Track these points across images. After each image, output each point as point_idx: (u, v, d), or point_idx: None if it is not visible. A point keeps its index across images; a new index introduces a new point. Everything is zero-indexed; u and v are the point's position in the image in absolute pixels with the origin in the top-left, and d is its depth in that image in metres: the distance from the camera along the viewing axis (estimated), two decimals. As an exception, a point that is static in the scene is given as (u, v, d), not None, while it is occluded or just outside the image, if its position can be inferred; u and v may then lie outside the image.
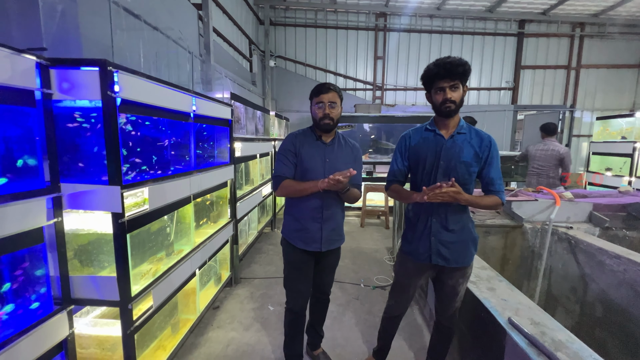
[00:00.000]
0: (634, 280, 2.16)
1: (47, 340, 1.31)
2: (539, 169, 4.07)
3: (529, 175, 4.24)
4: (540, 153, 4.05)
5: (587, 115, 7.23)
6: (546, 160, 3.98)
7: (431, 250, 1.56)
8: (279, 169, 1.72)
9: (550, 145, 3.97)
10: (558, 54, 7.16)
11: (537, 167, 4.08)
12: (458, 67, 1.42)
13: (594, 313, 2.50)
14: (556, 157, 3.93)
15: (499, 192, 1.54)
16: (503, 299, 1.64)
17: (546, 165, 3.99)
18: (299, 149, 1.70)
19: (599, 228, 2.95)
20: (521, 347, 1.26)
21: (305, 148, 1.71)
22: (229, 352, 2.13)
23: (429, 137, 1.59)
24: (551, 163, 3.95)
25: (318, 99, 1.66)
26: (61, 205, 1.36)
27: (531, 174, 4.18)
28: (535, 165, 4.12)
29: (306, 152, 1.70)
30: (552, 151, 3.94)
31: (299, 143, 1.71)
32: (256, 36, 6.08)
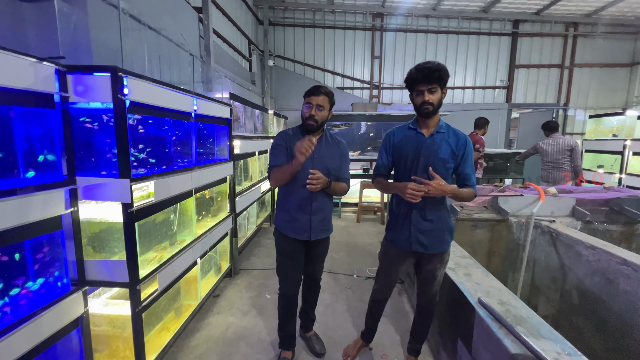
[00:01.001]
0: (606, 268, 2.31)
1: (65, 316, 1.47)
2: (553, 162, 4.26)
3: (543, 169, 4.43)
4: (552, 148, 4.24)
5: (580, 114, 7.36)
6: (559, 153, 4.18)
7: (411, 238, 1.71)
8: (273, 159, 1.86)
9: (559, 139, 4.20)
10: (552, 53, 7.28)
11: (552, 160, 4.27)
12: (434, 72, 1.57)
13: (571, 301, 2.65)
14: (567, 149, 4.14)
15: (474, 185, 1.70)
16: (477, 282, 1.80)
17: (560, 158, 4.19)
18: (289, 144, 1.82)
19: (580, 222, 3.09)
20: (487, 323, 1.42)
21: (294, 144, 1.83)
22: (228, 335, 2.29)
23: (411, 135, 1.73)
24: (564, 155, 4.16)
25: (308, 99, 1.78)
26: (77, 196, 1.52)
27: (546, 168, 4.38)
28: (549, 159, 4.30)
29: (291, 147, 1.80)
30: (562, 144, 4.15)
31: (289, 140, 1.84)
32: (255, 36, 6.22)
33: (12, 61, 1.19)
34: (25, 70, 1.25)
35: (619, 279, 2.20)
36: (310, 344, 2.14)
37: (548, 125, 4.34)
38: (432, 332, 2.20)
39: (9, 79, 1.17)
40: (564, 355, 1.19)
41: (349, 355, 2.07)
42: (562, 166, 4.20)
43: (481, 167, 4.67)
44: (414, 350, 1.97)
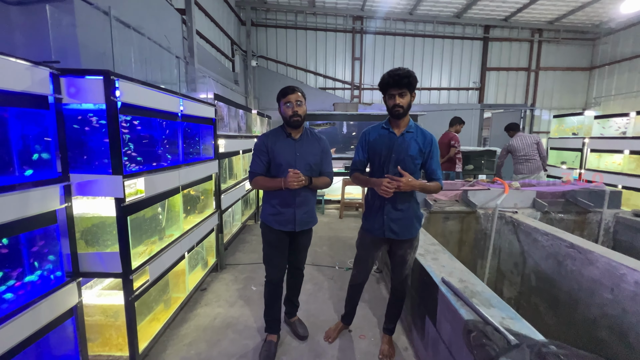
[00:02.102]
0: (557, 252, 2.61)
1: (60, 305, 1.56)
2: (525, 156, 4.76)
3: (517, 164, 4.91)
4: (521, 144, 4.76)
5: (545, 114, 7.90)
6: (529, 147, 4.71)
7: (384, 226, 1.90)
8: (253, 165, 2.00)
9: (525, 136, 4.75)
10: (519, 57, 7.77)
11: (524, 154, 4.76)
12: (404, 78, 1.76)
13: (530, 283, 2.95)
14: (534, 142, 4.69)
15: (439, 179, 1.91)
16: (442, 265, 2.02)
17: (530, 151, 4.71)
18: (271, 147, 1.95)
19: (539, 212, 3.41)
20: (448, 298, 1.63)
21: (277, 146, 1.95)
22: (215, 324, 2.41)
23: (385, 134, 1.93)
24: (533, 148, 4.70)
25: (286, 99, 1.90)
26: (70, 192, 1.60)
27: (520, 162, 4.86)
28: (521, 154, 4.79)
29: (278, 150, 1.94)
30: (530, 139, 4.70)
31: (270, 142, 1.96)
32: (238, 36, 6.28)
33: (9, 65, 1.27)
34: (22, 73, 1.33)
35: (567, 261, 2.50)
36: (294, 328, 2.30)
37: (512, 126, 4.88)
38: (405, 313, 2.41)
39: (6, 82, 1.26)
40: (507, 319, 1.41)
41: (330, 337, 2.24)
42: (533, 158, 4.71)
43: (459, 162, 5.01)
44: (389, 330, 2.17)
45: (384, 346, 2.12)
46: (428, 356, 1.91)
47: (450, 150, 4.89)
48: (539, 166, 4.74)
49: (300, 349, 2.15)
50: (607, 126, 5.68)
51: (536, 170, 4.74)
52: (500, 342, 1.23)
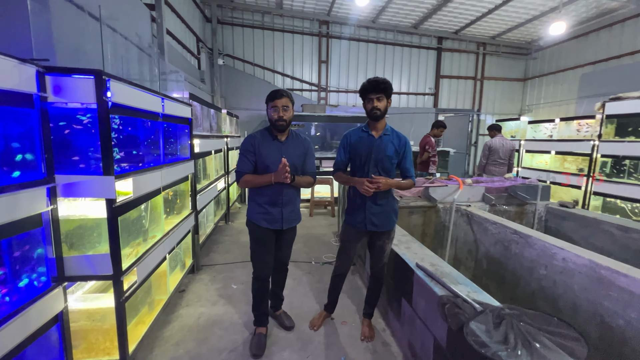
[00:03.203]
0: (503, 238, 3.05)
1: (46, 312, 1.50)
2: (502, 159, 5.08)
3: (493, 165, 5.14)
4: (503, 147, 5.08)
5: (489, 118, 8.89)
6: (507, 152, 5.05)
7: (365, 219, 2.11)
8: (241, 165, 2.05)
9: (506, 140, 5.07)
10: (468, 67, 8.66)
11: (501, 157, 5.07)
12: (381, 84, 1.98)
13: (482, 266, 3.39)
14: (511, 149, 5.04)
15: (412, 176, 2.16)
16: (415, 253, 2.29)
17: (506, 156, 5.06)
18: (258, 148, 2.03)
19: (488, 205, 3.90)
20: (422, 279, 1.88)
21: (264, 147, 2.04)
22: (200, 322, 2.43)
23: (364, 136, 2.13)
24: (509, 154, 5.06)
25: (273, 103, 2.00)
26: (56, 194, 1.55)
27: (495, 164, 5.12)
28: (499, 156, 5.08)
29: (265, 151, 2.03)
30: (508, 145, 5.04)
31: (257, 143, 2.05)
32: (203, 34, 6.11)
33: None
34: (9, 71, 1.29)
35: (511, 245, 2.94)
36: (280, 320, 2.42)
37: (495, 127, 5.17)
38: (381, 299, 2.65)
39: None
40: (472, 293, 1.69)
41: (315, 325, 2.40)
42: (507, 162, 5.07)
43: (434, 164, 5.14)
44: (368, 314, 2.39)
45: (364, 329, 2.33)
46: (404, 333, 2.16)
47: (424, 154, 5.06)
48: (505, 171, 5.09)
49: (288, 338, 2.28)
50: (538, 130, 6.61)
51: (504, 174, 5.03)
52: (469, 310, 1.50)
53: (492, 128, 5.24)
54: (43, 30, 1.75)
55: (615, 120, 4.72)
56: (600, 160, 4.91)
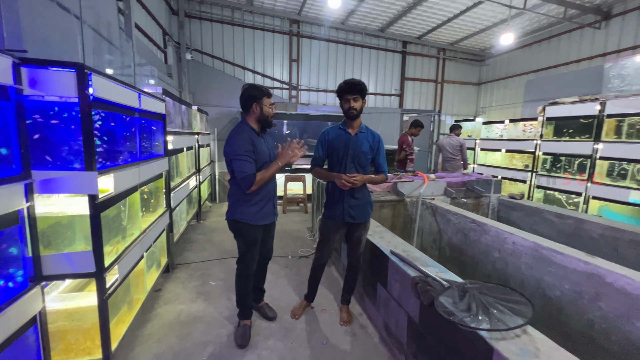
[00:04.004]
0: (463, 227, 3.38)
1: (25, 313, 1.46)
2: (451, 155, 5.47)
3: (445, 161, 5.58)
4: (448, 144, 5.50)
5: (448, 119, 9.57)
6: (453, 149, 5.44)
7: (344, 212, 2.26)
8: (248, 168, 1.94)
9: (454, 138, 5.49)
10: (430, 70, 9.24)
11: (451, 154, 5.47)
12: (356, 86, 2.14)
13: (445, 254, 3.72)
14: (458, 146, 5.42)
15: (385, 171, 2.35)
16: (388, 241, 2.49)
17: (454, 152, 5.45)
18: (255, 145, 2.01)
19: (449, 198, 4.27)
20: (396, 263, 2.08)
21: (258, 145, 2.04)
22: (181, 319, 2.43)
23: (341, 134, 2.28)
24: (456, 150, 5.43)
25: (270, 100, 2.06)
26: (32, 190, 1.50)
27: (445, 161, 5.55)
28: (448, 153, 5.48)
29: (259, 149, 2.04)
30: (455, 141, 5.44)
31: (253, 141, 2.01)
32: (169, 26, 5.88)
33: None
34: (-15, 62, 1.24)
35: (470, 233, 3.28)
36: (263, 312, 2.49)
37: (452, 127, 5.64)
38: (357, 287, 2.83)
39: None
40: (440, 273, 1.91)
41: (296, 314, 2.51)
42: (455, 158, 5.50)
43: (412, 162, 5.39)
44: (346, 300, 2.55)
45: (343, 314, 2.49)
46: (380, 315, 2.36)
47: (401, 153, 5.30)
48: (460, 166, 5.51)
49: (272, 327, 2.36)
50: (491, 130, 7.27)
51: (457, 170, 5.43)
52: (438, 287, 1.70)
53: (452, 128, 5.73)
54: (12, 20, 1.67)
55: (554, 122, 5.38)
56: (541, 158, 5.56)
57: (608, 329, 2.03)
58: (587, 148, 4.79)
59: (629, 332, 1.90)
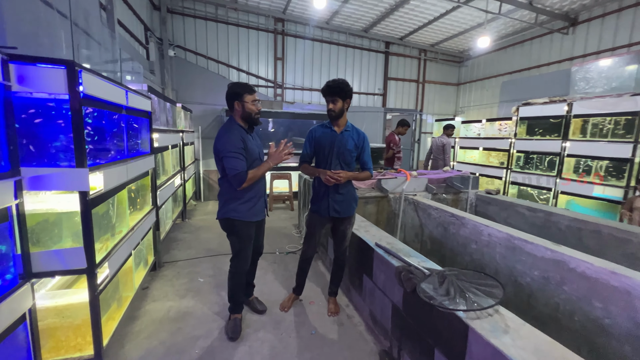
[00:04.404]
0: (444, 221, 3.56)
1: (15, 310, 1.46)
2: (434, 155, 5.89)
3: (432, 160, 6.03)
4: (434, 144, 5.94)
5: (430, 118, 9.88)
6: (437, 148, 5.83)
7: (329, 207, 2.35)
8: (239, 165, 1.97)
9: (440, 138, 5.88)
10: (411, 70, 9.50)
11: (434, 154, 5.87)
12: (334, 88, 2.22)
13: (427, 247, 3.89)
14: (441, 146, 5.77)
15: (370, 168, 2.46)
16: (373, 235, 2.61)
17: (437, 152, 5.82)
18: (245, 143, 2.05)
19: (430, 194, 4.46)
20: (381, 255, 2.20)
21: (249, 143, 2.08)
22: (171, 315, 2.45)
23: (327, 132, 2.36)
24: (440, 150, 5.79)
25: (252, 97, 2.09)
26: (22, 187, 1.50)
27: (433, 159, 5.97)
28: (433, 152, 5.90)
29: (250, 147, 2.09)
30: (439, 142, 5.82)
31: (244, 139, 2.05)
32: (151, 22, 5.75)
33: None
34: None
35: (449, 226, 3.46)
36: (253, 306, 2.55)
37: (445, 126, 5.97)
38: (344, 280, 2.94)
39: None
40: (421, 262, 2.04)
41: (285, 307, 2.58)
42: (438, 157, 5.88)
43: (399, 160, 5.64)
44: (333, 292, 2.65)
45: (330, 305, 2.59)
46: (366, 304, 2.47)
47: (389, 151, 5.51)
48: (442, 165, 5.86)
49: (262, 320, 2.43)
50: (469, 129, 7.58)
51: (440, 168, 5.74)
52: (420, 274, 1.83)
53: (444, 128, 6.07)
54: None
55: (526, 121, 5.70)
56: (515, 155, 5.88)
57: (571, 310, 2.23)
58: (556, 146, 5.12)
59: (589, 311, 2.11)
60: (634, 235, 2.77)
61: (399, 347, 2.00)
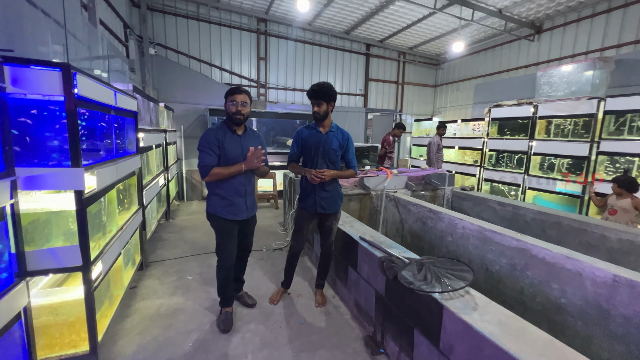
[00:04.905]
0: (422, 215, 3.79)
1: (11, 309, 1.48)
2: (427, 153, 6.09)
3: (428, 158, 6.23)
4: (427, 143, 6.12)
5: (409, 118, 10.23)
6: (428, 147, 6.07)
7: (316, 203, 2.49)
8: (206, 159, 2.10)
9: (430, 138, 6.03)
10: (391, 72, 9.81)
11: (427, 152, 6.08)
12: (319, 92, 2.35)
13: (407, 241, 4.11)
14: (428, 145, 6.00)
15: (354, 167, 2.60)
16: (357, 229, 2.77)
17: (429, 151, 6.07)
18: (222, 142, 2.15)
19: (410, 191, 4.69)
20: (365, 247, 2.35)
21: (227, 141, 2.17)
22: (162, 312, 2.50)
23: (314, 133, 2.49)
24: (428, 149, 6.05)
25: (232, 98, 2.16)
26: (16, 187, 1.52)
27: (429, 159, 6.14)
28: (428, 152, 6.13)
29: (228, 145, 2.17)
30: (428, 141, 5.98)
31: (221, 137, 2.16)
32: (130, 19, 5.64)
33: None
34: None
35: (428, 221, 3.69)
36: (243, 300, 2.64)
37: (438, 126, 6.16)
38: (330, 272, 3.08)
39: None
40: (402, 252, 2.22)
41: (274, 300, 2.69)
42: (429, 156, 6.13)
43: (390, 159, 5.99)
44: (320, 285, 2.79)
45: (317, 297, 2.73)
46: (351, 294, 2.63)
47: (381, 150, 5.92)
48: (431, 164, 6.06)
49: (252, 313, 2.53)
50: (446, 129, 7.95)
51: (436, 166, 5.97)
52: (400, 263, 2.00)
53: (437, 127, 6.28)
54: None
55: (498, 122, 6.08)
56: (488, 154, 6.26)
57: (534, 292, 2.49)
58: (524, 145, 5.51)
59: (548, 293, 2.37)
60: (589, 226, 3.10)
61: (382, 331, 2.17)
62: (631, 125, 4.17)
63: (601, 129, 4.43)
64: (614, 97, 4.30)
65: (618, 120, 4.28)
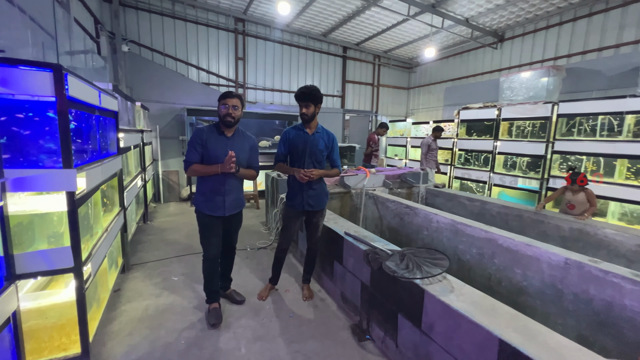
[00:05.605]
0: (400, 212, 4.02)
1: (0, 313, 1.46)
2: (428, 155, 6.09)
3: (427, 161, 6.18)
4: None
5: (384, 119, 10.58)
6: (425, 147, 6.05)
7: (303, 201, 2.60)
8: (189, 155, 2.26)
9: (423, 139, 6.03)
10: (367, 74, 10.12)
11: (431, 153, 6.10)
12: (305, 94, 2.47)
13: (385, 236, 4.33)
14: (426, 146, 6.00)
15: (339, 166, 2.74)
16: (342, 225, 2.92)
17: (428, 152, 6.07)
18: (206, 141, 2.24)
19: (387, 189, 4.92)
20: (350, 242, 2.50)
21: (211, 141, 2.26)
22: (149, 313, 2.49)
23: (301, 134, 2.60)
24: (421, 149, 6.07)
25: (224, 101, 2.25)
26: (5, 189, 1.50)
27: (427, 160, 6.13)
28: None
29: (212, 145, 2.25)
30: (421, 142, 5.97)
31: (206, 136, 2.25)
32: (101, 14, 5.40)
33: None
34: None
35: (405, 217, 3.92)
36: (231, 297, 2.69)
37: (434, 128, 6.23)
38: (316, 267, 3.20)
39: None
40: (385, 245, 2.39)
41: (262, 296, 2.77)
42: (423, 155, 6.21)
43: (376, 158, 6.09)
44: (307, 280, 2.90)
45: (304, 292, 2.84)
46: (337, 287, 2.77)
47: (368, 148, 6.05)
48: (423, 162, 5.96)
49: (242, 309, 2.59)
50: (419, 130, 8.35)
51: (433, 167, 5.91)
52: (384, 255, 2.17)
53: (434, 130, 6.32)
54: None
55: (466, 123, 6.52)
56: (457, 153, 6.69)
57: (499, 278, 2.77)
58: (489, 145, 5.96)
59: (512, 277, 2.65)
60: (545, 217, 3.47)
61: (368, 318, 2.33)
62: (580, 128, 4.67)
63: (555, 130, 4.92)
64: (565, 102, 4.79)
65: (569, 122, 4.78)
